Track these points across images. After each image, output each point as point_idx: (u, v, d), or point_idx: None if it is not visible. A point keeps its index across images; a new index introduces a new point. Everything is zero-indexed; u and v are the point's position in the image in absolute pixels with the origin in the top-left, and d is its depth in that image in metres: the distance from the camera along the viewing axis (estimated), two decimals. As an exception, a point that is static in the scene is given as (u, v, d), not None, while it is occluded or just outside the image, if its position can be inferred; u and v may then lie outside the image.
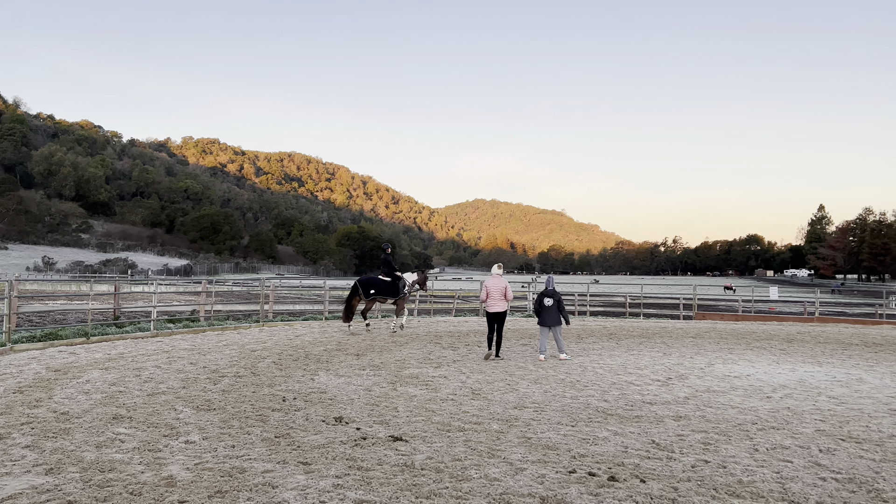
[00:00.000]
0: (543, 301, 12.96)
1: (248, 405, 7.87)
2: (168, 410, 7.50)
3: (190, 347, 13.42)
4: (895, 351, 14.91)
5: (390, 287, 17.91)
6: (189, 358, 11.84)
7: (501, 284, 12.65)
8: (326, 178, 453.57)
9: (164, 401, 8.04)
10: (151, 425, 6.79)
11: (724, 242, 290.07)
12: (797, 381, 10.40)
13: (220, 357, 12.06)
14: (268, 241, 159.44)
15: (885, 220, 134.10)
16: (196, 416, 7.27)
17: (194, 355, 12.22)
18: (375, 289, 17.78)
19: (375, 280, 18.09)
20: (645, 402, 8.48)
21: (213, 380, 9.63)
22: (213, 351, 12.93)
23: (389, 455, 5.82)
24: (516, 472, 5.38)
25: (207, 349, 13.18)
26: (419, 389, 9.15)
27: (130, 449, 5.89)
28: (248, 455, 5.76)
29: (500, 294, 12.59)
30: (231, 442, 6.19)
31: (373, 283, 17.94)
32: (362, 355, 12.70)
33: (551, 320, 12.81)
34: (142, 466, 5.40)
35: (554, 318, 12.81)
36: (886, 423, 7.41)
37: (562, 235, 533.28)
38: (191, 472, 5.26)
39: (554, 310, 12.86)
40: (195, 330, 16.87)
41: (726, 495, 4.92)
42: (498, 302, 12.59)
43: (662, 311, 28.46)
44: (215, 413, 7.42)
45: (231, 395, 8.46)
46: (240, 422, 7.02)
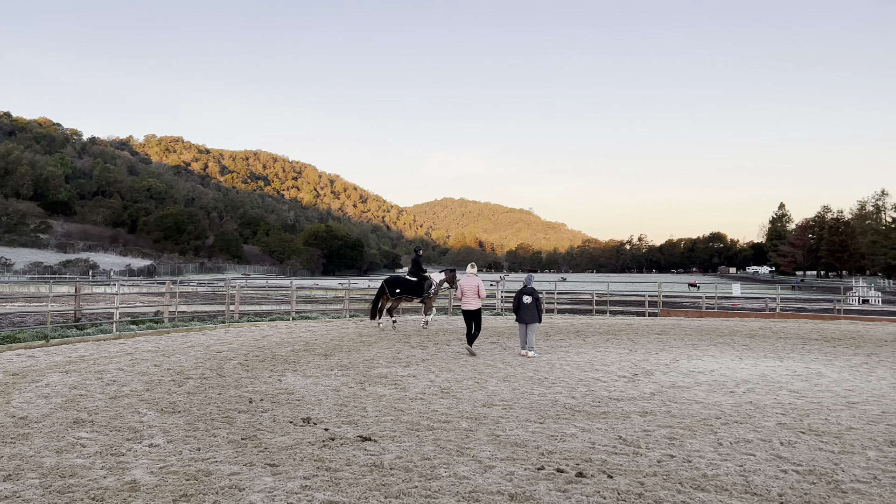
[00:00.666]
0: (522, 299, 13.14)
1: (213, 407, 7.76)
2: (131, 414, 7.36)
3: (154, 349, 13.19)
4: (852, 345, 15.32)
5: (416, 286, 18.68)
6: (153, 360, 11.63)
7: (474, 283, 13.10)
8: (293, 177, 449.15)
9: (127, 404, 7.89)
10: (114, 429, 6.65)
11: (688, 240, 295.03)
12: (759, 375, 10.61)
13: (184, 359, 11.87)
14: (233, 240, 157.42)
15: (842, 218, 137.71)
16: (160, 418, 7.15)
17: (158, 357, 12.01)
18: (401, 288, 18.58)
19: (401, 280, 18.88)
20: (612, 399, 8.58)
21: (178, 382, 9.47)
22: (178, 352, 12.72)
23: (358, 455, 5.80)
24: (485, 470, 5.40)
25: (172, 351, 12.96)
26: (388, 389, 9.12)
27: (92, 454, 5.77)
28: (214, 458, 5.68)
29: (473, 292, 13.04)
30: (196, 445, 6.10)
31: (398, 283, 18.75)
32: (330, 355, 12.61)
33: (529, 317, 13.00)
34: (104, 471, 5.28)
35: (531, 316, 13.00)
36: (845, 416, 7.61)
37: (530, 234, 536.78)
38: (155, 476, 5.17)
39: (532, 307, 13.04)
40: (159, 331, 16.57)
41: (691, 489, 5.00)
42: (471, 300, 13.04)
43: (628, 308, 28.82)
44: (180, 415, 7.31)
45: (196, 398, 8.33)
46: (205, 424, 6.91)
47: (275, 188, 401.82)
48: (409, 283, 18.76)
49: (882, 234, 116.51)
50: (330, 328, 18.45)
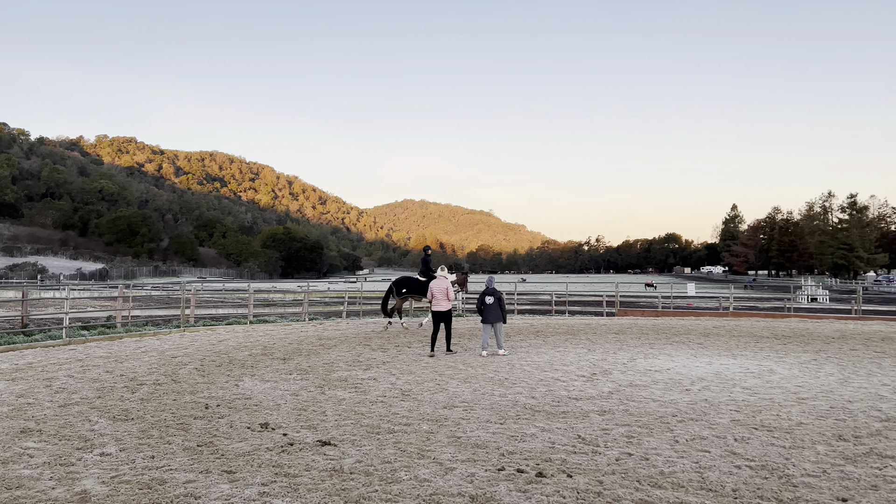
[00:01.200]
0: (485, 299, 13.32)
1: (168, 414, 7.58)
2: (82, 422, 7.15)
3: (106, 355, 12.84)
4: (802, 343, 15.77)
5: (423, 287, 18.94)
6: (105, 366, 11.32)
7: (444, 285, 13.53)
8: (250, 178, 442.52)
9: (77, 412, 7.65)
10: (63, 438, 6.45)
11: (644, 241, 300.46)
12: (714, 373, 10.84)
13: (138, 364, 11.59)
14: (189, 243, 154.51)
15: (791, 219, 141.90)
16: (112, 426, 6.95)
17: (110, 363, 11.70)
18: (407, 288, 19.11)
19: (409, 280, 19.37)
20: (571, 398, 8.66)
21: (131, 388, 9.24)
22: (131, 358, 12.41)
23: (317, 460, 5.73)
24: (446, 472, 5.39)
25: (125, 356, 12.64)
26: (348, 392, 9.05)
27: (40, 464, 5.58)
28: (169, 465, 5.55)
29: (443, 294, 13.46)
30: (150, 452, 5.95)
31: (405, 283, 19.26)
32: (289, 359, 12.46)
33: (493, 317, 13.19)
34: (53, 482, 5.11)
35: (495, 316, 13.19)
36: (795, 412, 7.82)
37: (490, 235, 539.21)
38: (106, 485, 5.02)
39: (495, 307, 13.23)
40: (111, 337, 16.15)
41: (649, 486, 5.08)
42: (441, 301, 13.44)
43: (587, 309, 29.18)
44: (133, 423, 7.12)
45: (150, 404, 8.14)
46: (160, 431, 6.75)
47: (232, 189, 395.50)
48: (417, 284, 19.14)
49: (829, 235, 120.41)
50: (289, 332, 18.24)
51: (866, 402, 8.42)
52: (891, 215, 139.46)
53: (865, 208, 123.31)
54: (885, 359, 12.70)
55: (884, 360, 12.57)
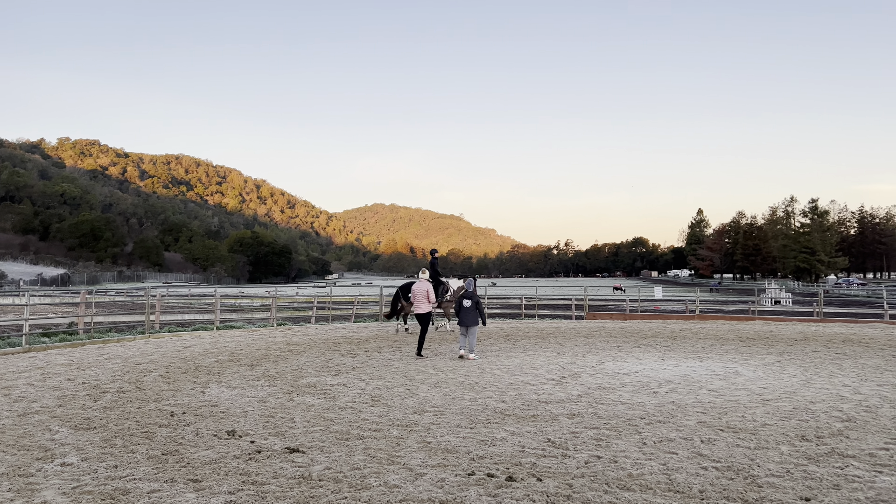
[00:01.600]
0: (463, 302, 13.47)
1: (132, 422, 7.43)
2: (42, 431, 6.96)
3: (67, 362, 12.54)
4: (766, 345, 16.07)
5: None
6: (66, 374, 11.06)
7: (424, 288, 13.89)
8: (217, 182, 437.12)
9: (37, 421, 7.46)
10: (23, 448, 6.27)
11: (612, 245, 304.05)
12: (681, 376, 10.98)
13: (101, 372, 11.34)
14: (154, 247, 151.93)
15: (755, 223, 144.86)
16: (74, 435, 6.79)
17: (72, 371, 11.43)
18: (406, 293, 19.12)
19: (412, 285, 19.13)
20: (540, 402, 8.69)
21: (94, 396, 9.03)
22: (94, 365, 12.14)
23: (286, 467, 5.66)
24: (416, 478, 5.36)
25: (87, 364, 12.36)
26: (317, 398, 8.97)
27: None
28: (133, 475, 5.43)
29: (423, 297, 13.83)
30: (113, 462, 5.82)
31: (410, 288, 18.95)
32: (257, 365, 12.31)
33: (470, 320, 13.31)
34: (11, 493, 4.97)
35: (472, 319, 13.30)
36: (760, 413, 7.96)
37: (460, 239, 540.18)
38: (67, 496, 4.90)
39: (472, 310, 13.37)
40: (73, 344, 15.78)
41: (617, 489, 5.11)
42: (422, 304, 13.82)
43: (556, 312, 29.38)
44: (96, 432, 6.96)
45: (113, 412, 7.96)
46: (123, 440, 6.61)
47: (198, 193, 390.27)
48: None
49: (792, 239, 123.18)
50: (256, 337, 18.02)
51: (828, 402, 8.61)
52: (850, 220, 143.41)
53: (826, 213, 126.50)
54: (845, 360, 13.01)
55: (844, 361, 12.87)
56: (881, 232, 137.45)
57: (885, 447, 6.34)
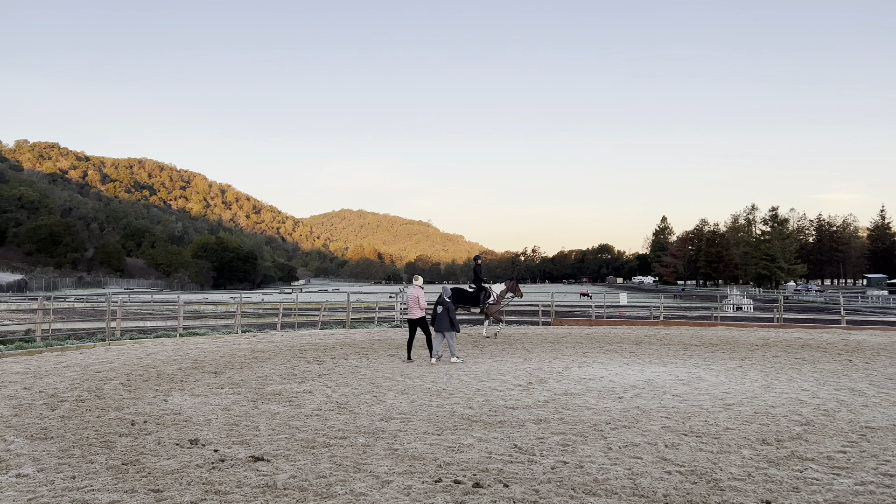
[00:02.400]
0: (437, 309, 13.82)
1: (91, 431, 7.24)
2: (-5, 442, 6.74)
3: (24, 371, 12.18)
4: (728, 350, 16.36)
5: (472, 297, 19.14)
6: (22, 382, 10.74)
7: (416, 294, 14.19)
8: (181, 187, 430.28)
9: (-10, 432, 7.22)
10: (-26, 460, 6.06)
11: (578, 252, 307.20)
12: (645, 381, 11.11)
13: (59, 380, 11.04)
14: (115, 253, 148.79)
15: (718, 231, 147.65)
16: (30, 446, 6.59)
17: (29, 379, 11.10)
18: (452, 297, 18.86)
19: (456, 290, 19.45)
20: (507, 408, 8.71)
21: (51, 405, 8.79)
22: (52, 374, 11.82)
23: (250, 476, 5.57)
24: (382, 486, 5.33)
25: (44, 372, 12.03)
26: (282, 406, 8.86)
27: (-53, 489, 5.23)
28: (91, 486, 5.29)
29: (415, 302, 14.11)
30: (71, 472, 5.66)
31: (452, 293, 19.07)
32: (221, 373, 12.11)
33: (443, 326, 13.67)
34: (-39, 508, 4.80)
35: (446, 325, 13.66)
36: (722, 418, 8.09)
37: (428, 245, 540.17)
38: (22, 509, 4.75)
39: (444, 316, 13.69)
40: (30, 351, 15.35)
41: (583, 494, 5.14)
42: (414, 310, 14.15)
43: (523, 318, 29.50)
44: (53, 442, 6.77)
45: (72, 422, 7.76)
46: (81, 450, 6.44)
47: (161, 198, 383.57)
48: (465, 294, 19.23)
49: (753, 246, 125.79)
50: (220, 344, 17.75)
51: (788, 406, 8.79)
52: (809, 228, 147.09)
53: (786, 221, 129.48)
54: (804, 365, 13.31)
55: (803, 366, 13.16)
56: (838, 240, 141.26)
57: (843, 450, 6.49)
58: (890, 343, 18.18)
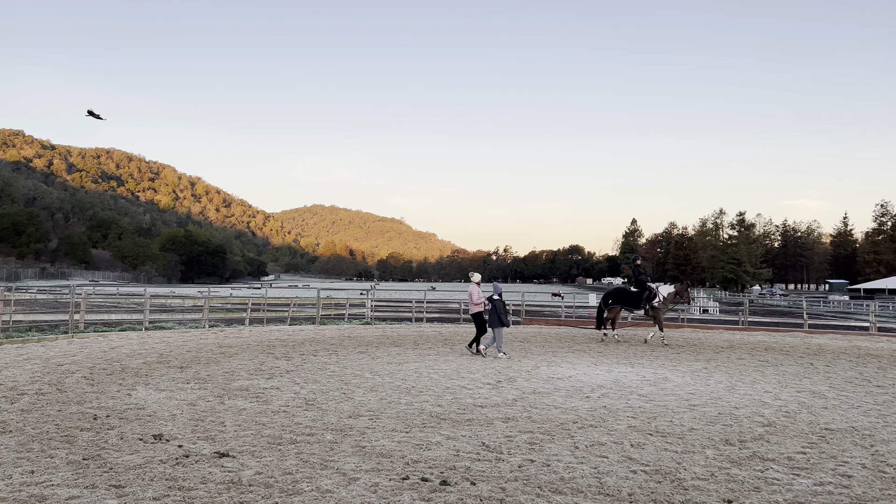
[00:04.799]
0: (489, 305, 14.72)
1: (51, 425, 7.09)
2: (-49, 436, 6.57)
3: (-18, 363, 11.88)
4: (694, 352, 16.61)
5: (632, 297, 18.67)
6: (-20, 375, 10.47)
7: (471, 290, 15.11)
8: (150, 178, 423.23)
9: (-55, 425, 7.03)
10: (-72, 454, 5.90)
11: (549, 252, 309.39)
12: (612, 381, 11.23)
13: (19, 373, 10.79)
14: (81, 244, 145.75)
15: (686, 234, 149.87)
16: (-14, 440, 6.43)
17: (-13, 372, 10.83)
18: (613, 298, 18.94)
19: (619, 290, 19.34)
20: (476, 406, 8.74)
21: (10, 398, 8.59)
22: (12, 366, 11.55)
23: (215, 472, 5.50)
24: (349, 483, 5.30)
25: (4, 364, 11.74)
26: (249, 402, 8.77)
27: None
28: (51, 481, 5.18)
29: (471, 298, 15.08)
30: (30, 467, 5.54)
31: (614, 294, 19.18)
32: (187, 368, 11.95)
33: (492, 322, 14.55)
34: (-87, 503, 4.66)
35: (493, 321, 14.50)
36: (687, 418, 8.21)
37: (401, 243, 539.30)
38: (-23, 505, 4.63)
39: (492, 313, 14.55)
40: (-11, 343, 14.97)
41: (550, 492, 5.18)
42: (470, 305, 15.10)
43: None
44: (11, 436, 6.62)
45: (32, 415, 7.59)
46: (41, 444, 6.30)
47: (129, 189, 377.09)
48: (626, 294, 18.94)
49: (720, 250, 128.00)
50: (187, 339, 17.51)
51: (751, 408, 8.95)
52: (774, 233, 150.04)
53: (753, 226, 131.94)
54: (767, 367, 13.57)
55: (767, 368, 13.42)
56: (802, 245, 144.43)
57: (803, 451, 6.63)
58: (850, 347, 18.63)
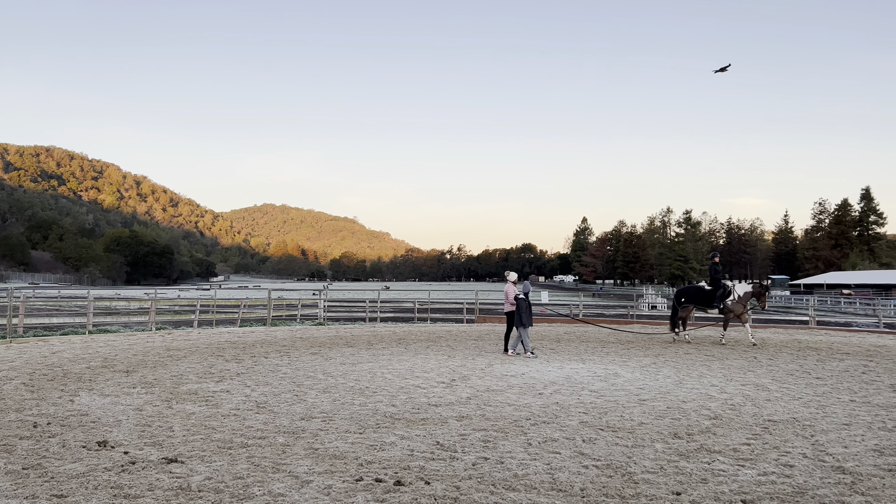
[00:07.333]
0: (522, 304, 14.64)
1: (-12, 435, 6.80)
2: None
3: (-88, 371, 11.32)
4: (643, 347, 16.96)
5: (706, 296, 18.30)
6: None
7: (506, 289, 15.18)
8: (93, 177, 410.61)
9: None
10: None
11: (502, 251, 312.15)
12: (564, 377, 11.38)
13: (-48, 380, 10.32)
14: (19, 245, 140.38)
15: (635, 232, 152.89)
16: (-83, 452, 6.12)
17: (-83, 380, 10.32)
18: (686, 297, 18.68)
19: (691, 289, 19.01)
20: (430, 405, 8.73)
21: (-57, 408, 8.20)
22: (-56, 374, 11.03)
23: (162, 479, 5.36)
24: (302, 486, 5.23)
25: (-64, 372, 11.22)
26: (198, 406, 8.57)
27: None
28: (-13, 493, 4.96)
29: (506, 297, 15.13)
30: (-36, 480, 5.29)
31: (686, 293, 18.92)
32: (133, 372, 11.62)
33: (517, 321, 14.62)
34: None
35: (517, 320, 14.58)
36: (637, 412, 8.37)
37: (354, 242, 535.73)
38: None
39: (516, 312, 14.63)
40: (-80, 350, 14.28)
41: (503, 490, 5.21)
42: (506, 304, 15.18)
43: (448, 316, 29.66)
44: (-56, 447, 6.32)
45: (-34, 425, 7.26)
46: (-24, 455, 6.03)
47: (71, 189, 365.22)
48: (699, 293, 18.65)
49: (667, 247, 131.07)
50: (133, 342, 17.03)
51: (698, 401, 9.18)
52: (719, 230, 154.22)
53: (699, 223, 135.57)
54: (713, 361, 13.95)
55: (712, 362, 13.79)
56: (746, 242, 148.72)
57: (747, 442, 6.83)
58: (791, 340, 19.30)
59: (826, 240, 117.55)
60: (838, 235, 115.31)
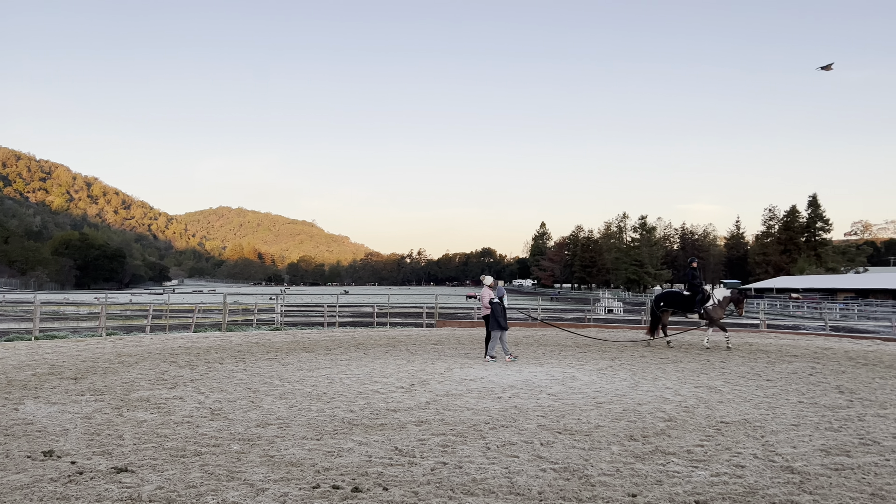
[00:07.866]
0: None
1: (-76, 446, 6.51)
2: None
3: None
4: (600, 351, 17.17)
5: (684, 301, 18.21)
6: None
7: (482, 293, 15.17)
8: (41, 178, 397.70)
9: None
10: None
11: (462, 255, 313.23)
12: (523, 381, 11.44)
13: None
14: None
15: (592, 237, 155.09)
16: None
17: None
18: (665, 301, 18.54)
19: (670, 294, 18.81)
20: (389, 410, 8.68)
21: None
22: None
23: (112, 489, 5.20)
24: (257, 494, 5.14)
25: None
26: (150, 413, 8.35)
27: None
28: (-77, 508, 4.75)
29: (482, 301, 15.14)
30: None
31: (665, 297, 18.74)
32: (81, 379, 11.27)
33: (491, 325, 14.68)
34: None
35: (492, 324, 14.65)
36: (594, 415, 8.46)
37: (312, 246, 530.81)
38: None
39: (491, 316, 14.64)
40: None
41: (462, 494, 5.20)
42: (483, 308, 15.11)
43: (408, 320, 29.59)
44: None
45: None
46: (-88, 468, 5.77)
47: (17, 190, 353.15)
48: (678, 298, 18.50)
49: (623, 252, 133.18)
50: (82, 348, 16.53)
51: (653, 404, 9.33)
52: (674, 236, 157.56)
53: (654, 229, 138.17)
54: (668, 364, 14.20)
55: (667, 365, 14.04)
56: (699, 247, 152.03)
57: (701, 444, 6.97)
58: (742, 343, 19.78)
59: (776, 245, 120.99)
60: (787, 241, 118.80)
